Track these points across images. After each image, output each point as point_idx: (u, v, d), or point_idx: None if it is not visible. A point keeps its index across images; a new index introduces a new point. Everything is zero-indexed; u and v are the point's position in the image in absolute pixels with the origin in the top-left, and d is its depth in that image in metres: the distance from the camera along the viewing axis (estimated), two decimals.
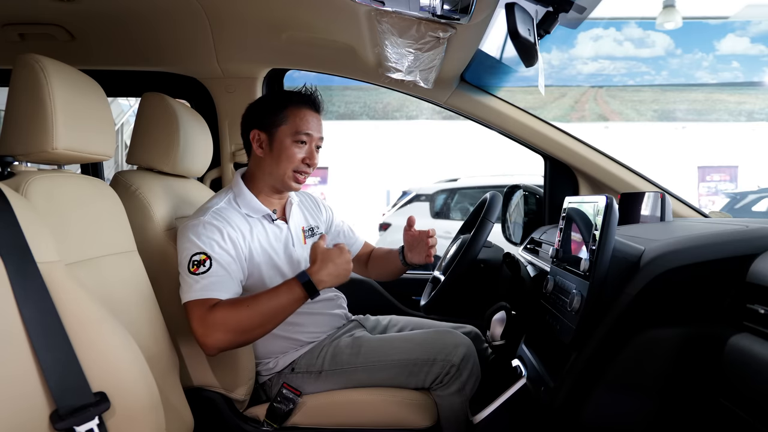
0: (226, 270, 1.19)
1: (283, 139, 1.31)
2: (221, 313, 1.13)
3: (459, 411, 1.30)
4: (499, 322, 1.26)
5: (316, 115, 1.35)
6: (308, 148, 1.33)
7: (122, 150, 5.68)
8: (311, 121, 1.32)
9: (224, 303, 1.15)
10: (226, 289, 1.18)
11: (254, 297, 1.16)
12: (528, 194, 1.89)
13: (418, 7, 1.10)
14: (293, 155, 1.31)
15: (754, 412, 0.80)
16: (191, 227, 1.22)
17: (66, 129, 0.95)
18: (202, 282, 1.16)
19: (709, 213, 1.62)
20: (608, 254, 0.97)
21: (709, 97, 11.02)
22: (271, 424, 1.30)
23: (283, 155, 1.31)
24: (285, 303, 1.17)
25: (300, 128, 1.30)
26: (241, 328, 1.14)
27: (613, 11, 10.81)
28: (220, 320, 1.12)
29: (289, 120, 1.31)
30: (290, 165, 1.31)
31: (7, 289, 0.74)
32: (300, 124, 1.31)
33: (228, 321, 1.13)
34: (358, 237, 1.66)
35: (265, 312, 1.15)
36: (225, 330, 1.13)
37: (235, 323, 1.13)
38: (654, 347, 0.94)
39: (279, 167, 1.31)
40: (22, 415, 0.73)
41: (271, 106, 1.34)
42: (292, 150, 1.31)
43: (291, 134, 1.31)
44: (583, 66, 11.47)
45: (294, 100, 1.33)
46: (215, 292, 1.16)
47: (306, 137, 1.31)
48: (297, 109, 1.32)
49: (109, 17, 1.44)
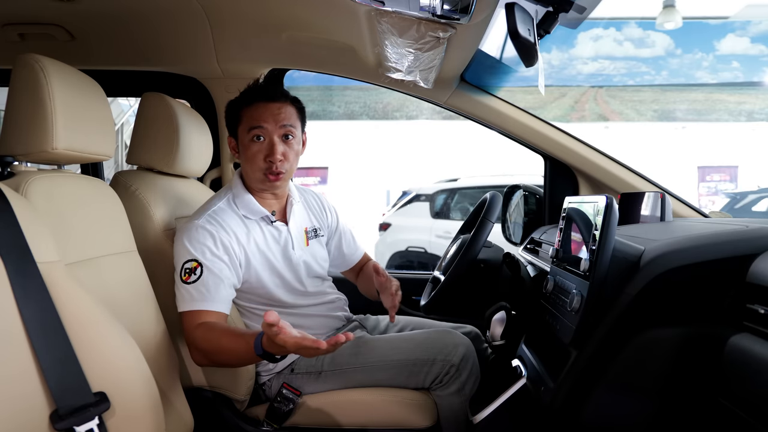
0: (216, 277, 1.19)
1: (243, 139, 1.29)
2: (199, 334, 1.14)
3: (459, 411, 1.30)
4: (499, 322, 1.26)
5: (272, 104, 1.27)
6: (267, 143, 1.26)
7: (122, 150, 5.68)
8: (263, 112, 1.26)
9: (205, 326, 1.15)
10: (216, 299, 1.18)
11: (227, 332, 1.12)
12: (528, 194, 1.89)
13: (418, 7, 1.10)
14: (253, 155, 1.27)
15: (754, 412, 0.80)
16: (185, 230, 1.23)
17: (66, 129, 0.95)
18: (192, 292, 1.17)
19: (709, 213, 1.62)
20: (608, 254, 0.97)
21: (709, 97, 11.01)
22: (271, 424, 1.30)
23: (246, 156, 1.29)
24: (247, 356, 1.07)
25: (251, 123, 1.26)
26: (211, 358, 1.15)
27: (613, 11, 10.80)
28: (198, 342, 1.14)
29: (243, 118, 1.28)
30: (255, 166, 1.28)
31: (7, 289, 0.74)
32: (251, 119, 1.27)
33: (203, 345, 1.14)
34: (359, 246, 1.64)
35: (231, 353, 1.11)
36: (201, 353, 1.15)
37: (208, 348, 1.14)
38: (654, 347, 0.94)
39: (249, 169, 1.30)
40: (22, 415, 0.73)
41: (231, 109, 1.33)
42: (251, 149, 1.27)
43: (246, 132, 1.27)
44: (583, 66, 11.46)
45: (245, 96, 1.30)
46: (205, 303, 1.17)
47: (259, 131, 1.26)
48: (249, 105, 1.28)
49: (109, 17, 1.44)
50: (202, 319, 1.16)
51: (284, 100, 1.30)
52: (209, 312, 1.17)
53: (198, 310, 1.17)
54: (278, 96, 1.29)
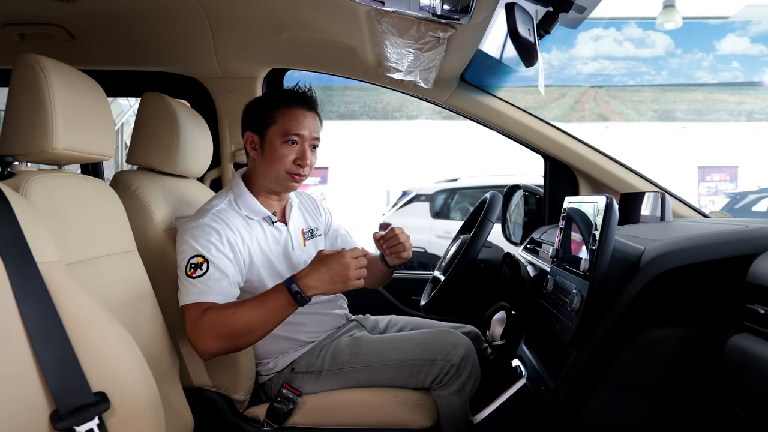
0: (223, 273, 1.19)
1: (273, 140, 1.29)
2: (210, 318, 1.12)
3: (459, 411, 1.30)
4: (499, 322, 1.27)
5: (310, 114, 1.31)
6: (299, 149, 1.29)
7: (122, 150, 5.69)
8: (302, 120, 1.29)
9: (214, 308, 1.14)
10: (222, 293, 1.17)
11: (243, 302, 1.15)
12: (528, 194, 1.89)
13: (418, 7, 1.10)
14: (283, 156, 1.28)
15: (754, 412, 0.80)
16: (190, 229, 1.22)
17: (66, 129, 0.95)
18: (198, 286, 1.16)
19: (709, 213, 1.62)
20: (608, 254, 0.97)
21: (709, 97, 11.02)
22: (271, 424, 1.30)
23: (273, 156, 1.29)
24: (272, 309, 1.13)
25: (289, 128, 1.28)
26: (228, 333, 1.13)
27: (613, 11, 10.81)
28: (209, 325, 1.12)
29: (279, 120, 1.29)
30: (281, 167, 1.29)
31: (7, 289, 0.74)
32: (289, 125, 1.28)
33: (216, 327, 1.12)
34: (355, 242, 1.64)
35: (252, 318, 1.13)
36: (214, 336, 1.12)
37: (222, 329, 1.12)
38: (654, 347, 0.94)
39: (271, 169, 1.30)
40: (22, 415, 0.73)
41: (262, 106, 1.33)
42: (281, 151, 1.28)
43: (281, 135, 1.28)
44: (583, 66, 11.48)
45: (284, 99, 1.31)
46: (211, 296, 1.16)
47: (296, 137, 1.29)
48: (287, 109, 1.29)
49: (109, 17, 1.44)
50: (205, 307, 1.14)
51: (317, 112, 1.35)
52: (214, 304, 1.16)
53: (201, 302, 1.15)
54: (316, 106, 1.34)
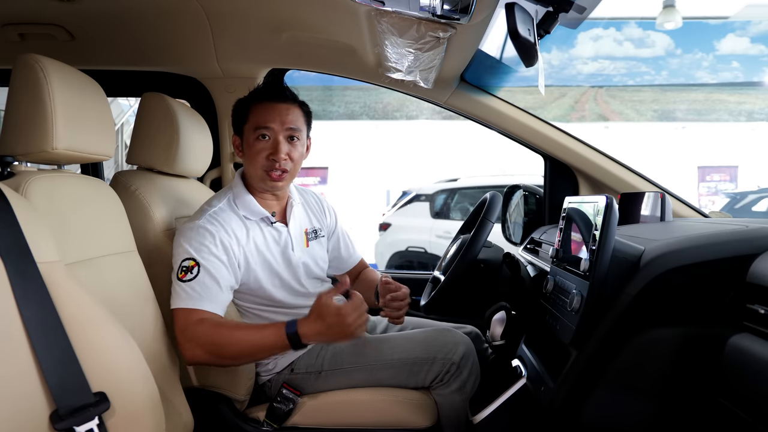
0: (213, 278, 1.18)
1: (249, 138, 1.29)
2: (204, 330, 1.13)
3: (459, 410, 1.30)
4: (499, 322, 1.27)
5: (280, 105, 1.28)
6: (272, 142, 1.27)
7: (122, 150, 5.68)
8: (270, 112, 1.27)
9: (211, 321, 1.15)
10: (212, 300, 1.18)
11: (240, 326, 1.16)
12: (528, 194, 1.90)
13: (418, 7, 1.10)
14: (257, 153, 1.27)
15: (753, 412, 0.80)
16: (185, 231, 1.22)
17: (66, 129, 0.95)
18: (188, 291, 1.16)
19: (709, 213, 1.62)
20: (608, 254, 0.97)
21: (709, 97, 11.01)
22: (271, 424, 1.30)
23: (249, 154, 1.29)
24: (266, 345, 1.14)
25: (258, 122, 1.27)
26: (217, 351, 1.14)
27: (613, 11, 10.80)
28: (201, 337, 1.13)
29: (250, 117, 1.29)
30: (258, 164, 1.28)
31: (7, 289, 0.74)
32: (257, 119, 1.28)
33: (208, 341, 1.13)
34: (355, 252, 1.63)
35: (244, 346, 1.14)
36: (203, 349, 1.13)
37: (212, 346, 1.13)
38: (654, 347, 0.94)
39: (252, 167, 1.30)
40: (22, 415, 0.73)
41: (238, 107, 1.33)
42: (255, 147, 1.28)
43: (253, 131, 1.28)
44: (583, 66, 11.46)
45: (254, 95, 1.31)
46: (201, 302, 1.16)
47: (266, 131, 1.27)
48: (257, 104, 1.29)
49: (109, 17, 1.44)
50: (198, 316, 1.15)
51: (292, 102, 1.31)
52: (204, 312, 1.16)
53: (192, 308, 1.16)
54: (286, 97, 1.31)
